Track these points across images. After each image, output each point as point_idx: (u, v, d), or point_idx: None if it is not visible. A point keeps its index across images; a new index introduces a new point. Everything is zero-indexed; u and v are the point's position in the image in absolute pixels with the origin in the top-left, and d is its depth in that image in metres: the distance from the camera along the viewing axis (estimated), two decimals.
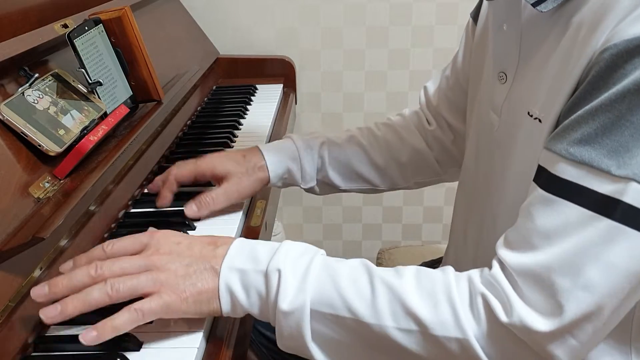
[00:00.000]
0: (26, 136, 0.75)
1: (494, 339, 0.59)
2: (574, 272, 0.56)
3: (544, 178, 0.60)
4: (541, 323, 0.57)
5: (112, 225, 0.88)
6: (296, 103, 1.67)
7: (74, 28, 0.90)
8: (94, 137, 0.83)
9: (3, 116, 0.74)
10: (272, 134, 1.31)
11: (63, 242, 0.75)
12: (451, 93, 0.99)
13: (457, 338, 0.60)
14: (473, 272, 0.63)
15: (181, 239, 0.68)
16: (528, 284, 0.59)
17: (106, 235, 0.85)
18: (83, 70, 0.89)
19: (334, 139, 1.01)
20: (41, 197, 0.74)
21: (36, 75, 0.81)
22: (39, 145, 0.76)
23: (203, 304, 0.64)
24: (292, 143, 0.98)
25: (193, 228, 0.88)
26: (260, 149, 0.96)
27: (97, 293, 0.62)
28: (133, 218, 0.92)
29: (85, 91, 0.89)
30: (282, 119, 1.41)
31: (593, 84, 0.58)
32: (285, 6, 1.71)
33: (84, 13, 0.99)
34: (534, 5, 0.66)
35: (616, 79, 0.56)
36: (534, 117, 0.67)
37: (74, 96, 0.87)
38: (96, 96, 0.91)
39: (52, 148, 0.77)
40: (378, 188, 1.04)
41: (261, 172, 0.94)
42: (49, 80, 0.84)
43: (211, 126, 1.29)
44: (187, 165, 0.93)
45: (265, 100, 1.49)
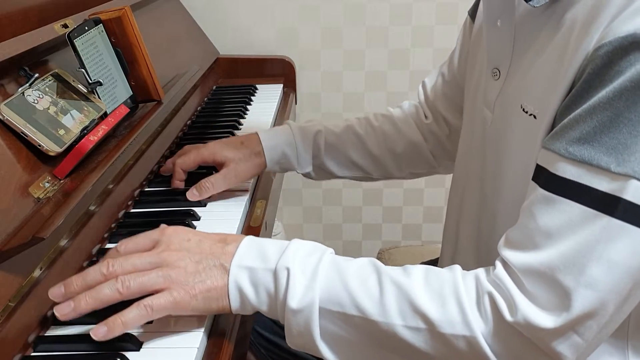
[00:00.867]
0: (26, 136, 0.75)
1: (501, 337, 0.60)
2: (578, 270, 0.57)
3: (544, 177, 0.61)
4: (546, 320, 0.58)
5: (112, 225, 0.88)
6: (296, 103, 1.67)
7: (74, 28, 0.90)
8: (94, 137, 0.83)
9: (3, 116, 0.74)
10: None
11: (63, 242, 0.75)
12: (447, 89, 1.01)
13: (465, 336, 0.60)
14: (480, 271, 0.64)
15: (191, 236, 0.69)
16: (532, 283, 0.59)
17: (106, 235, 0.85)
18: (83, 70, 0.89)
19: (332, 127, 1.04)
20: (41, 197, 0.74)
21: (36, 75, 0.81)
22: (39, 145, 0.76)
23: (212, 301, 0.65)
24: (290, 129, 1.02)
25: (193, 228, 0.88)
26: (258, 135, 1.00)
27: (108, 290, 0.63)
28: (133, 218, 0.92)
29: (85, 91, 0.89)
30: (282, 119, 1.41)
31: (589, 82, 0.58)
32: (285, 6, 1.71)
33: (84, 13, 0.99)
34: (527, 0, 0.67)
35: (612, 76, 0.56)
36: (529, 113, 0.68)
37: (74, 96, 0.87)
38: (96, 96, 0.91)
39: (52, 148, 0.77)
40: (372, 176, 1.07)
41: (258, 158, 0.98)
42: (49, 80, 0.84)
43: (211, 126, 1.29)
44: (190, 155, 0.99)
45: (265, 100, 1.49)
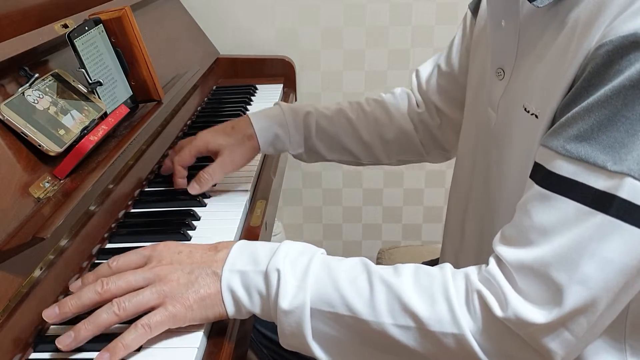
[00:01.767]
0: (26, 136, 0.75)
1: (490, 335, 0.60)
2: (571, 267, 0.57)
3: (541, 174, 0.61)
4: (536, 315, 0.58)
5: (112, 225, 0.88)
6: None
7: (74, 28, 0.90)
8: (94, 137, 0.83)
9: (3, 116, 0.74)
10: None
11: (63, 242, 0.75)
12: (443, 80, 1.01)
13: (454, 334, 0.60)
14: (470, 269, 0.64)
15: (182, 248, 0.69)
16: (525, 279, 0.59)
17: (106, 235, 0.85)
18: (83, 70, 0.89)
19: (323, 110, 1.04)
20: (41, 197, 0.74)
21: (36, 75, 0.81)
22: (39, 145, 0.76)
23: (208, 309, 0.66)
24: (281, 110, 1.02)
25: (193, 228, 0.88)
26: (249, 117, 1.00)
27: (106, 314, 0.63)
28: (133, 218, 0.92)
29: (85, 91, 0.89)
30: None
31: (589, 81, 0.58)
32: (285, 6, 1.71)
33: (84, 13, 0.99)
34: (531, 0, 0.67)
35: (612, 75, 0.56)
36: (531, 113, 0.68)
37: (74, 96, 0.87)
38: (96, 96, 0.91)
39: (52, 148, 0.77)
40: (361, 162, 1.07)
41: (251, 141, 0.98)
42: (49, 80, 0.84)
43: (211, 126, 1.29)
44: (185, 150, 0.98)
45: (265, 100, 1.49)
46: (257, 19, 1.72)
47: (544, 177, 0.60)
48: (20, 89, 0.78)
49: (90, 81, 0.90)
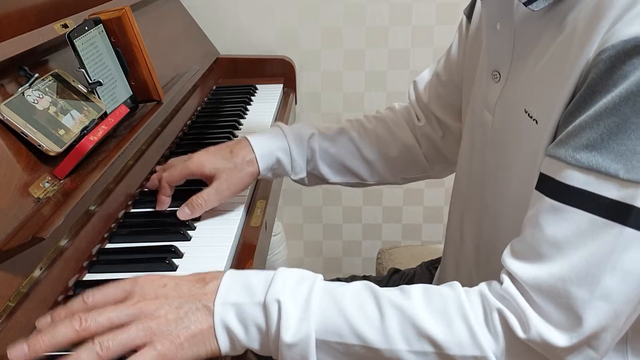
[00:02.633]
0: (26, 136, 0.75)
1: (514, 355, 0.58)
2: (592, 282, 0.55)
3: (550, 186, 0.59)
4: (560, 338, 0.57)
5: (112, 225, 0.88)
6: (296, 103, 1.67)
7: (74, 28, 0.90)
8: (94, 137, 0.83)
9: (3, 116, 0.74)
10: None
11: (63, 242, 0.75)
12: (442, 89, 0.98)
13: (475, 356, 0.58)
14: (483, 286, 0.62)
15: (167, 281, 0.63)
16: (543, 297, 0.58)
17: (106, 235, 0.85)
18: (83, 70, 0.89)
19: (325, 131, 0.99)
20: (41, 197, 0.74)
21: (36, 75, 0.81)
22: (39, 145, 0.76)
23: (200, 346, 0.60)
24: (282, 133, 0.96)
25: (193, 228, 0.88)
26: (249, 141, 0.93)
27: (86, 355, 0.56)
28: (133, 218, 0.92)
29: (85, 91, 0.89)
30: (282, 119, 1.41)
31: (593, 87, 0.57)
32: (285, 6, 1.71)
33: (84, 13, 0.99)
34: (526, 4, 0.66)
35: (616, 81, 0.55)
36: (532, 117, 0.67)
37: (74, 96, 0.87)
38: (96, 96, 0.91)
39: (52, 148, 0.77)
40: (366, 182, 1.03)
41: (250, 166, 0.91)
42: (49, 80, 0.84)
43: (211, 126, 1.29)
44: (177, 168, 0.92)
45: (265, 100, 1.49)
46: (257, 19, 1.72)
47: (554, 189, 0.59)
48: (20, 89, 0.78)
49: (90, 81, 0.90)
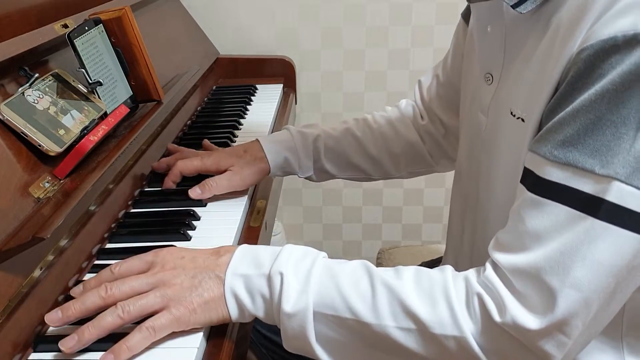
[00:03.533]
0: (26, 136, 0.75)
1: (490, 337, 0.61)
2: (563, 272, 0.58)
3: (531, 180, 0.62)
4: (532, 321, 0.59)
5: (112, 225, 0.88)
6: (296, 103, 1.67)
7: (74, 28, 0.90)
8: (94, 137, 0.83)
9: (3, 116, 0.74)
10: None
11: (63, 242, 0.75)
12: (442, 90, 1.02)
13: (455, 336, 0.61)
14: (470, 272, 0.65)
15: (185, 254, 0.70)
16: (520, 284, 0.60)
17: (106, 235, 0.85)
18: (83, 70, 0.89)
19: (330, 131, 1.05)
20: (41, 197, 0.74)
21: (36, 75, 0.81)
22: (39, 145, 0.76)
23: (212, 312, 0.66)
24: (290, 135, 1.03)
25: (193, 228, 0.88)
26: (259, 141, 1.01)
27: (110, 317, 0.64)
28: (133, 218, 0.92)
29: (85, 91, 0.89)
30: (282, 119, 1.41)
31: (572, 85, 0.59)
32: (285, 6, 1.71)
33: (84, 13, 0.99)
34: (514, 7, 0.68)
35: (594, 79, 0.57)
36: (517, 117, 0.69)
37: (74, 96, 0.87)
38: (96, 96, 0.91)
39: (52, 148, 0.77)
40: (372, 177, 1.08)
41: (262, 163, 0.99)
42: (49, 80, 0.84)
43: (211, 126, 1.29)
44: (194, 161, 0.99)
45: (265, 100, 1.49)
46: (257, 19, 1.72)
47: (535, 183, 0.61)
48: (20, 89, 0.78)
49: (90, 81, 0.90)
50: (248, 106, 1.44)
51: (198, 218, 0.91)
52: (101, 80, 0.91)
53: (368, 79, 1.78)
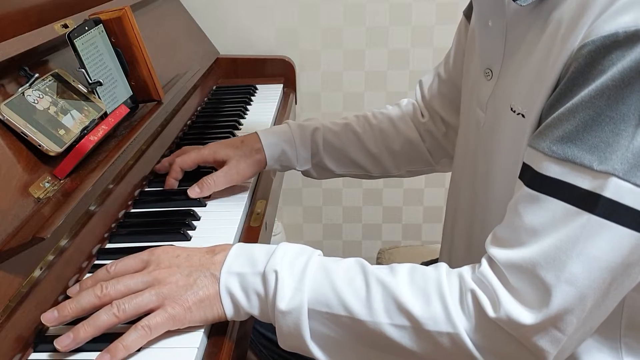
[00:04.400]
0: (26, 136, 0.75)
1: (484, 333, 0.61)
2: (558, 267, 0.58)
3: (529, 175, 0.62)
4: (526, 316, 0.59)
5: (112, 225, 0.88)
6: (296, 103, 1.67)
7: (74, 28, 0.90)
8: (94, 137, 0.83)
9: (3, 116, 0.74)
10: None
11: (63, 242, 0.75)
12: (444, 88, 1.01)
13: (449, 333, 0.61)
14: (464, 269, 0.65)
15: (180, 252, 0.70)
16: (515, 278, 0.60)
17: (106, 235, 0.85)
18: (83, 70, 0.89)
19: (330, 125, 1.05)
20: (41, 197, 0.74)
21: (36, 75, 0.81)
22: (39, 145, 0.76)
23: (207, 310, 0.66)
24: (288, 127, 1.03)
25: (193, 228, 0.88)
26: (258, 133, 1.01)
27: (105, 316, 0.64)
28: (133, 218, 0.92)
29: (85, 91, 0.89)
30: (282, 119, 1.41)
31: (573, 80, 0.59)
32: (285, 6, 1.71)
33: (84, 13, 0.99)
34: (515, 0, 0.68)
35: (595, 75, 0.57)
36: (517, 113, 0.69)
37: (74, 96, 0.87)
38: (96, 96, 0.91)
39: (52, 148, 0.77)
40: (371, 174, 1.08)
41: (258, 155, 0.99)
42: (49, 80, 0.84)
43: (211, 126, 1.29)
44: (191, 154, 1.00)
45: (265, 100, 1.49)
46: (257, 19, 1.72)
47: (533, 178, 0.61)
48: (20, 89, 0.78)
49: (90, 81, 0.90)
50: (248, 106, 1.44)
51: (198, 218, 0.91)
52: (101, 80, 0.91)
53: (368, 79, 1.78)
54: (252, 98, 1.50)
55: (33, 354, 0.64)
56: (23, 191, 0.72)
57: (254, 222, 0.93)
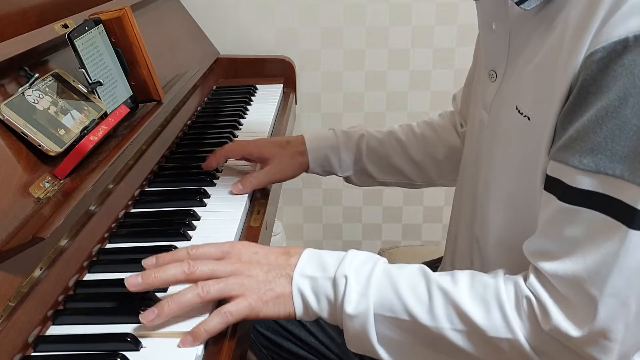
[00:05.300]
0: (26, 136, 0.75)
1: (540, 339, 0.63)
2: (601, 280, 0.59)
3: (562, 189, 0.62)
4: (574, 330, 0.61)
5: (112, 225, 0.88)
6: (296, 103, 1.67)
7: (74, 28, 0.90)
8: (94, 137, 0.83)
9: (3, 116, 0.74)
10: (272, 134, 1.31)
11: (63, 242, 0.75)
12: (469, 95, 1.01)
13: (508, 339, 0.64)
14: (519, 277, 0.68)
15: (258, 250, 0.74)
16: (562, 291, 0.62)
17: (106, 235, 0.85)
18: (83, 70, 0.89)
19: (374, 132, 1.06)
20: (41, 197, 0.74)
21: (36, 75, 0.81)
22: (39, 145, 0.76)
23: (280, 307, 0.70)
24: (334, 133, 1.06)
25: (193, 228, 0.88)
26: (304, 136, 1.04)
27: (190, 295, 0.67)
28: (133, 218, 0.92)
29: (85, 91, 0.89)
30: (282, 119, 1.41)
31: (586, 88, 0.59)
32: (285, 6, 1.71)
33: (84, 13, 0.99)
34: (518, 3, 0.68)
35: (609, 82, 0.57)
36: (523, 115, 0.69)
37: (74, 96, 0.87)
38: (96, 96, 0.91)
39: (52, 148, 0.77)
40: (415, 183, 1.09)
41: (302, 157, 1.02)
42: (49, 80, 0.84)
43: (211, 126, 1.29)
44: (238, 145, 1.05)
45: (265, 100, 1.49)
46: (257, 19, 1.72)
47: (565, 192, 0.61)
48: (20, 89, 0.78)
49: (90, 81, 0.90)
50: (248, 106, 1.44)
51: (198, 218, 0.91)
52: (101, 80, 0.91)
53: (368, 79, 1.78)
54: (252, 98, 1.50)
55: (33, 354, 0.64)
56: (23, 191, 0.72)
57: (254, 222, 0.93)
